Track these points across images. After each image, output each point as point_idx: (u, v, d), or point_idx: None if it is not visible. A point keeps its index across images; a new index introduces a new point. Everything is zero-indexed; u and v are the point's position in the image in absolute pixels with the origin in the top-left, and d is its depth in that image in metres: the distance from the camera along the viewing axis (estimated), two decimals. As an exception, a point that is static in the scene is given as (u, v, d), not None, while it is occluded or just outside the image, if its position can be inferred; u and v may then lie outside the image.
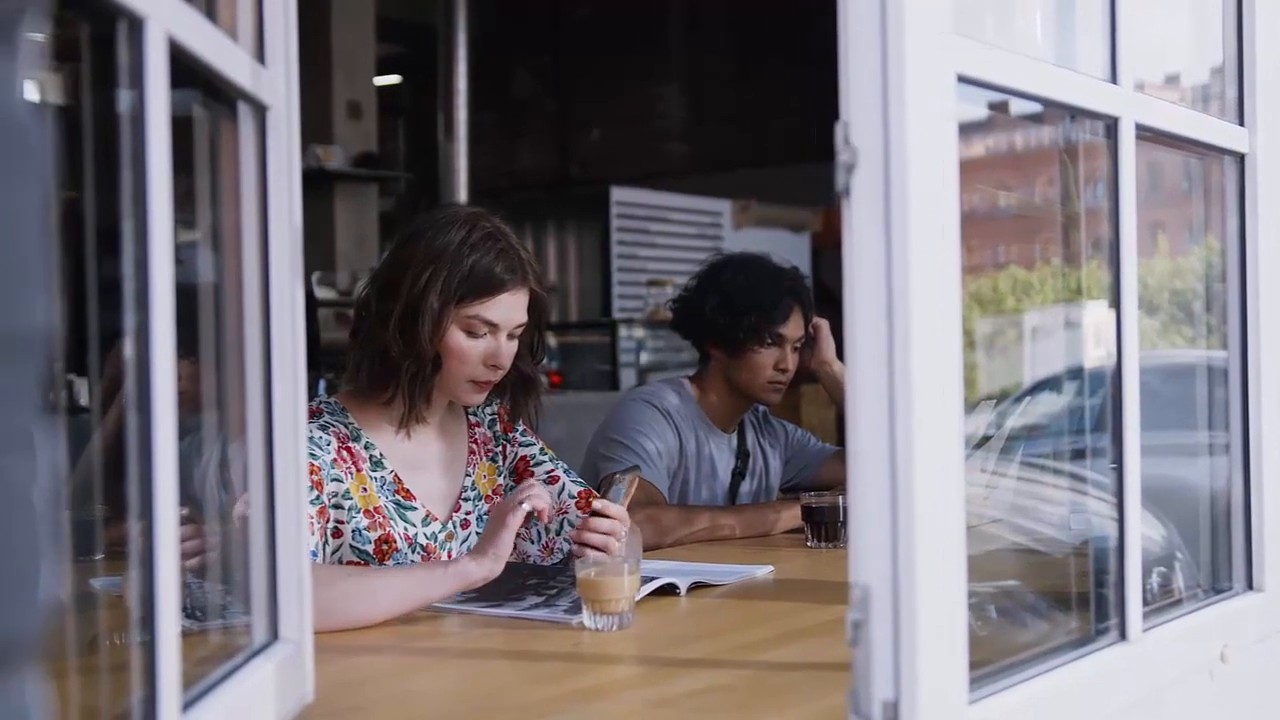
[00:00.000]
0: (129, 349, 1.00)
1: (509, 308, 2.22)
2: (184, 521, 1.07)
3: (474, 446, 2.39)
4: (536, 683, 1.64)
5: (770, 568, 2.39)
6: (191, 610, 1.33)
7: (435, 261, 2.16)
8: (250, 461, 1.37)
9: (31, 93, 0.60)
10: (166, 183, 1.02)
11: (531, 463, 2.43)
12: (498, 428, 2.43)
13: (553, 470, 2.43)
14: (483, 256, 2.18)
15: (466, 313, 2.19)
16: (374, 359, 2.21)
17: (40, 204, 0.59)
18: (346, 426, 2.22)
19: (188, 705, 1.10)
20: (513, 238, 2.25)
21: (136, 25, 0.99)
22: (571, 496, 2.37)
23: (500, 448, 2.43)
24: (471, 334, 2.20)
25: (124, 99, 1.02)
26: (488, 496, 2.37)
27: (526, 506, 1.99)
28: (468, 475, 2.36)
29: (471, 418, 2.42)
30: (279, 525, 1.38)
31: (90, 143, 1.12)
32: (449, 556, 2.26)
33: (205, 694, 1.17)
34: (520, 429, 2.45)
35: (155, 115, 1.01)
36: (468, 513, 2.34)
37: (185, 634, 1.07)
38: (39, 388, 0.60)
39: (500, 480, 2.40)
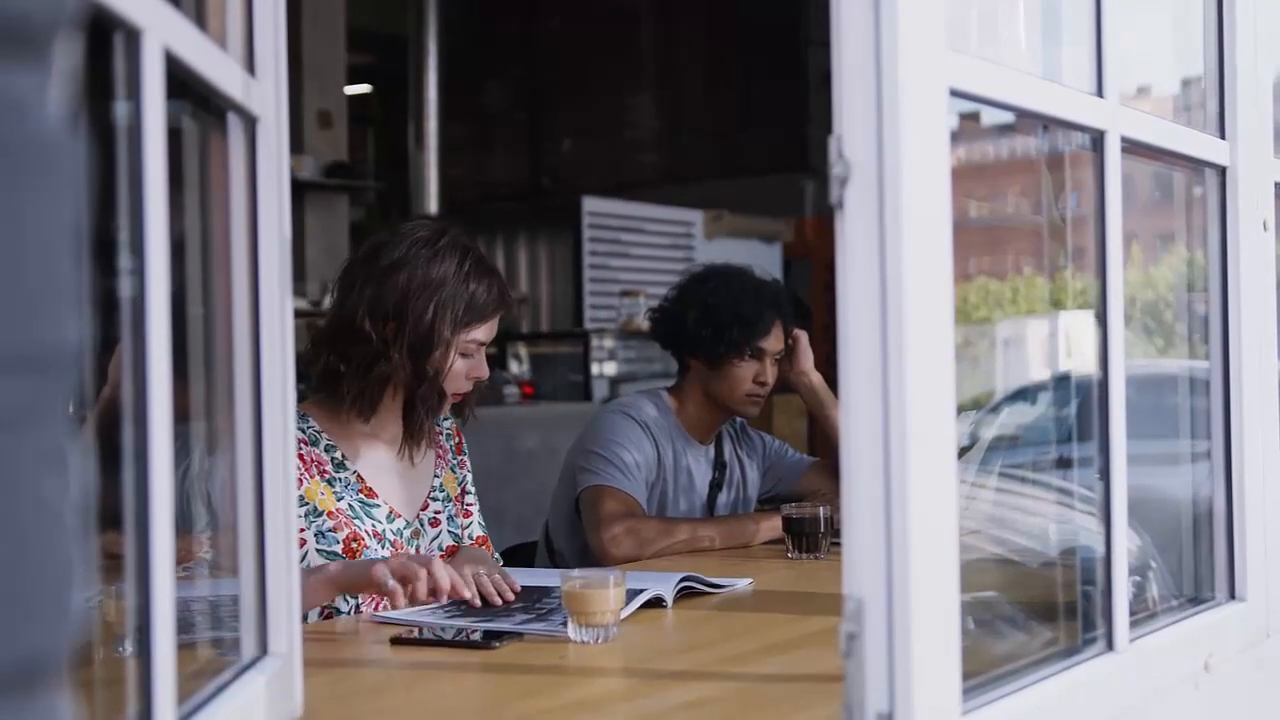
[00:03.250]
0: (125, 361, 1.00)
1: (494, 326, 2.36)
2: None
3: (440, 451, 2.48)
4: (524, 696, 1.64)
5: (750, 580, 2.39)
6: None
7: (438, 292, 2.26)
8: (239, 475, 1.37)
9: (64, 107, 0.60)
10: (163, 194, 1.01)
11: (465, 490, 2.54)
12: (453, 443, 2.53)
13: (472, 505, 2.54)
14: (478, 284, 2.30)
15: (465, 338, 2.30)
16: (377, 385, 2.27)
17: (74, 220, 0.59)
18: (304, 431, 2.25)
19: (181, 721, 1.09)
20: (488, 258, 2.39)
21: (134, 37, 0.98)
22: (471, 538, 2.46)
23: (458, 460, 2.54)
24: (464, 355, 2.31)
25: (119, 110, 1.01)
26: (455, 499, 2.47)
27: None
28: (436, 476, 2.45)
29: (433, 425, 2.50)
30: (268, 540, 1.37)
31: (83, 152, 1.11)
32: (417, 553, 2.35)
33: (197, 709, 1.16)
34: (464, 455, 2.57)
35: (152, 127, 1.00)
36: (436, 511, 2.42)
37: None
38: (69, 404, 0.60)
39: (458, 489, 2.50)
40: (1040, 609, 1.74)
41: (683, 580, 2.21)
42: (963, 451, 2.30)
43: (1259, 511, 1.85)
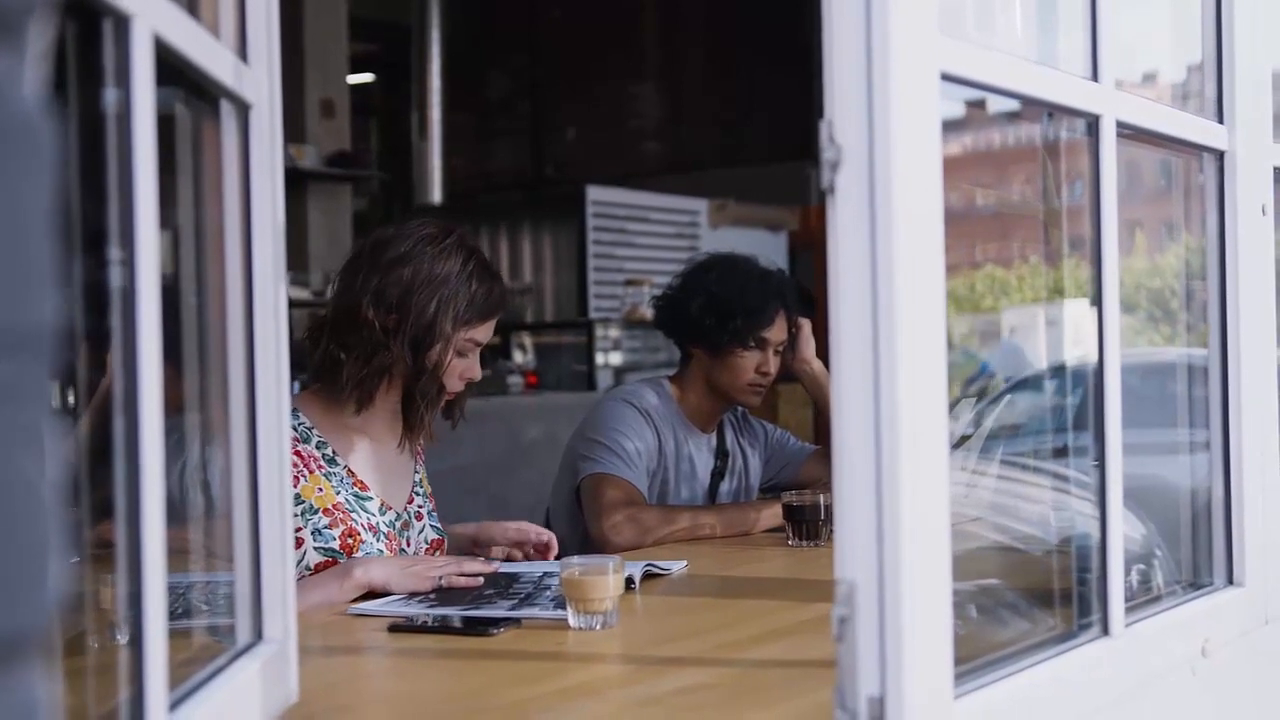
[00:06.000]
0: (116, 351, 1.00)
1: (491, 328, 2.38)
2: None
3: (418, 450, 2.51)
4: (521, 682, 1.64)
5: (684, 563, 2.41)
6: (172, 610, 1.33)
7: (441, 288, 2.28)
8: (233, 463, 1.37)
9: (38, 89, 0.60)
10: (153, 182, 1.02)
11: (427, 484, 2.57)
12: (421, 443, 2.55)
13: (429, 507, 2.53)
14: (480, 285, 2.32)
15: (463, 336, 2.32)
16: (375, 375, 2.29)
17: (48, 202, 0.59)
18: (295, 429, 2.26)
19: (174, 705, 1.09)
20: (490, 263, 2.41)
21: (122, 23, 0.98)
22: (426, 542, 2.46)
23: (424, 459, 2.56)
24: (460, 354, 2.33)
25: (108, 97, 1.01)
26: (430, 495, 2.51)
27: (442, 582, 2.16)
28: (416, 472, 2.48)
29: None
30: (262, 526, 1.38)
31: (71, 141, 1.11)
32: (407, 544, 2.38)
33: (191, 694, 1.16)
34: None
35: (141, 113, 1.00)
36: (419, 506, 2.46)
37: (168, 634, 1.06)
38: (48, 384, 0.60)
39: (430, 487, 2.54)
40: (1039, 595, 1.74)
41: (645, 571, 2.25)
42: (965, 439, 2.30)
43: (1258, 497, 1.85)
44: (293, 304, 6.40)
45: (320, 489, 2.27)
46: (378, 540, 2.30)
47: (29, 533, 0.58)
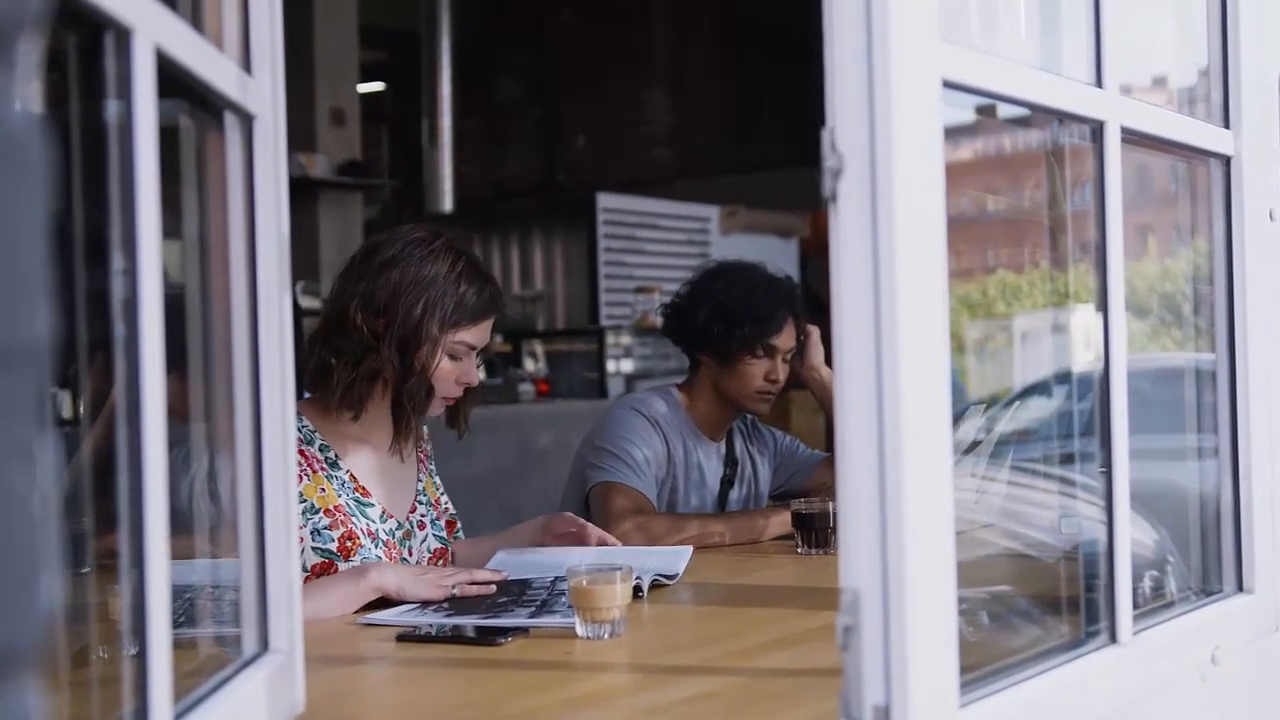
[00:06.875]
0: (119, 361, 1.00)
1: (487, 332, 2.38)
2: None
3: (421, 457, 2.51)
4: (529, 691, 1.64)
5: (689, 550, 2.42)
6: (178, 620, 1.33)
7: (427, 290, 2.28)
8: (239, 473, 1.37)
9: (31, 104, 0.60)
10: (154, 193, 1.02)
11: (438, 494, 2.56)
12: (428, 449, 2.56)
13: (432, 516, 2.52)
14: (469, 287, 2.32)
15: (454, 339, 2.32)
16: (365, 380, 2.29)
17: (40, 215, 0.60)
18: (299, 431, 2.26)
19: (179, 716, 1.09)
20: (483, 264, 2.40)
21: (124, 36, 0.99)
22: (429, 551, 2.46)
23: (433, 465, 2.56)
24: (453, 357, 2.33)
25: (110, 109, 1.01)
26: (434, 503, 2.50)
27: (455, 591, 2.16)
28: (419, 481, 2.48)
29: None
30: (268, 536, 1.38)
31: (75, 153, 1.12)
32: (409, 554, 2.39)
33: (196, 705, 1.16)
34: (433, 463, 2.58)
35: (143, 125, 1.00)
36: (422, 515, 2.46)
37: (174, 644, 1.06)
38: (38, 398, 0.60)
39: (439, 494, 2.53)
40: (1049, 602, 1.74)
41: (654, 580, 2.24)
42: (975, 445, 2.30)
43: (1267, 503, 1.84)
44: (305, 313, 6.40)
45: (323, 489, 2.27)
46: (376, 547, 2.30)
47: (15, 549, 0.58)
